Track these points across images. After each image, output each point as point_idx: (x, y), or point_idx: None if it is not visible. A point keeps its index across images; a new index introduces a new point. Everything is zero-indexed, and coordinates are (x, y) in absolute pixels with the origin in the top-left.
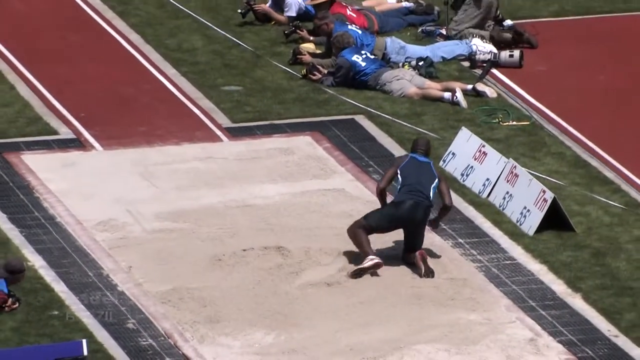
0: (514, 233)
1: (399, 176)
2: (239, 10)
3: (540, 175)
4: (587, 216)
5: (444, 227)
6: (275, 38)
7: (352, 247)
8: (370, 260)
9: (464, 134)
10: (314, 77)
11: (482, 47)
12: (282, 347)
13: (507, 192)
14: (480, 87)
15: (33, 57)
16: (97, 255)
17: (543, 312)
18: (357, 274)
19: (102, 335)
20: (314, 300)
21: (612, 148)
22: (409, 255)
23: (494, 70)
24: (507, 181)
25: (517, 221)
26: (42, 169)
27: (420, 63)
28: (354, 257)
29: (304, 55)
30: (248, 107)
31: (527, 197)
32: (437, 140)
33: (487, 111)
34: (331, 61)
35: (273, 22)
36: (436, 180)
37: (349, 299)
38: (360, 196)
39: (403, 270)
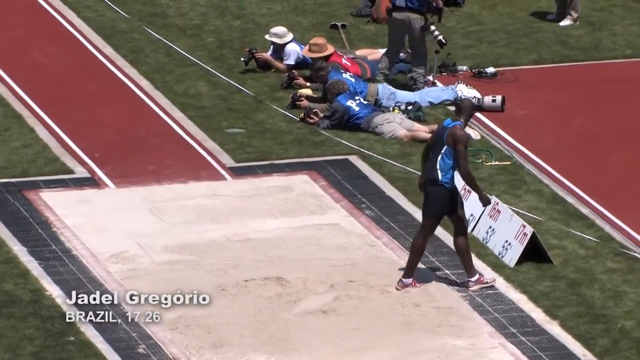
0: (496, 265)
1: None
2: (242, 59)
3: (521, 211)
4: (564, 249)
5: (432, 259)
6: (275, 84)
7: (346, 277)
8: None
9: None
10: (310, 121)
11: (467, 93)
12: None
13: (490, 227)
14: None
15: (51, 103)
16: (110, 285)
17: (523, 338)
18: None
19: None
20: (310, 327)
21: (587, 186)
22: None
23: (478, 114)
24: (490, 217)
25: (499, 254)
26: (59, 205)
27: (409, 107)
28: (348, 287)
29: (302, 100)
30: (250, 148)
31: (508, 232)
32: None
33: (472, 152)
34: (327, 106)
35: (273, 70)
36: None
37: (344, 326)
38: (353, 230)
39: (393, 299)
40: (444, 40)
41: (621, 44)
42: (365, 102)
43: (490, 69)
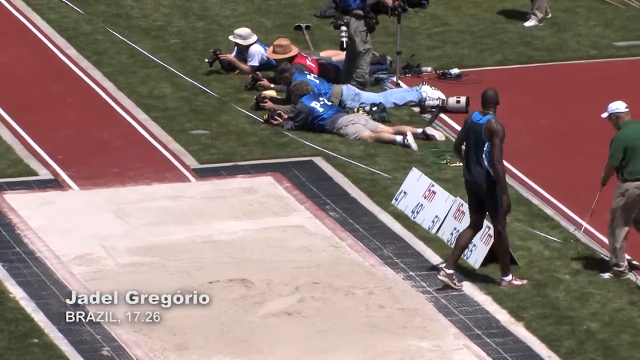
0: (461, 266)
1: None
2: (206, 60)
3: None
4: (528, 250)
5: (397, 260)
6: (239, 85)
7: (311, 279)
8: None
9: (415, 174)
10: (275, 122)
11: (431, 94)
12: None
13: (455, 228)
14: (429, 130)
15: (14, 105)
16: (74, 287)
17: (488, 340)
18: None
19: None
20: (275, 329)
21: (552, 187)
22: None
23: (442, 115)
24: (455, 218)
25: (464, 255)
26: (22, 207)
27: (374, 108)
28: (312, 289)
29: (266, 102)
30: (214, 150)
31: None
32: (389, 180)
33: (436, 153)
34: (291, 107)
35: (237, 71)
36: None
37: (308, 328)
38: (318, 232)
39: (357, 301)
40: (344, 44)
41: (586, 45)
42: (330, 104)
43: (455, 70)
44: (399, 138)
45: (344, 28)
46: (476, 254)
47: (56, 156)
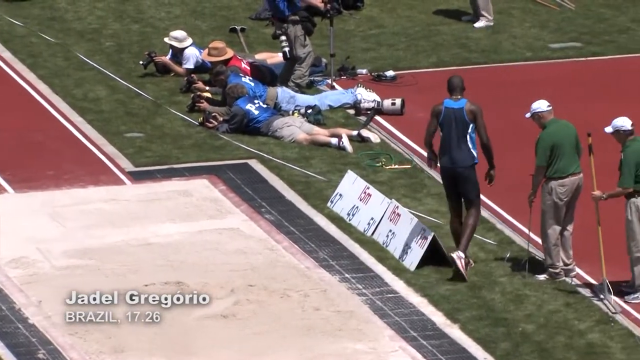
0: (397, 268)
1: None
2: (141, 62)
3: (421, 214)
4: None
5: (332, 263)
6: (174, 88)
7: (246, 282)
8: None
9: (350, 176)
10: (210, 125)
11: (367, 96)
12: None
13: (390, 231)
14: (364, 133)
15: None
16: (9, 290)
17: (424, 342)
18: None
19: None
20: (210, 331)
21: (487, 189)
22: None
23: (378, 117)
24: (390, 220)
25: (400, 257)
26: None
27: (309, 111)
28: (248, 291)
29: (202, 101)
30: (149, 153)
31: (408, 235)
32: (324, 182)
33: (371, 155)
34: (226, 110)
35: (172, 74)
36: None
37: (243, 330)
38: (253, 235)
39: (293, 303)
40: (287, 54)
41: (521, 47)
42: (265, 106)
43: (390, 72)
44: (334, 140)
45: (283, 37)
46: (412, 256)
47: None
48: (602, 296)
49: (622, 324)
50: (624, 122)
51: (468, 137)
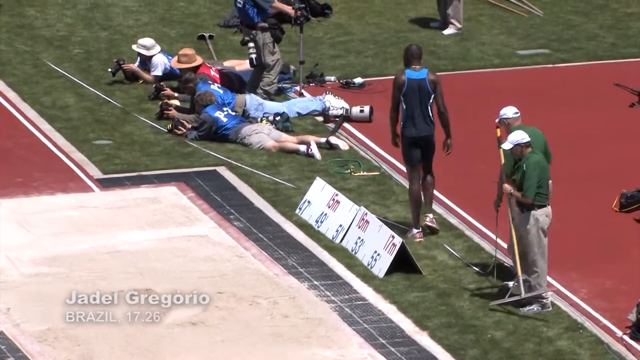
0: (366, 275)
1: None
2: (109, 69)
3: (390, 221)
4: (433, 259)
5: (301, 270)
6: (143, 95)
7: (215, 289)
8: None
9: (319, 183)
10: (178, 132)
11: (335, 103)
12: None
13: (359, 238)
14: (333, 140)
15: None
16: None
17: (393, 349)
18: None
19: None
20: (180, 338)
21: (455, 196)
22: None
23: (346, 125)
24: (359, 227)
25: (368, 264)
26: None
27: (277, 118)
28: (217, 298)
29: (170, 109)
30: (118, 160)
31: (377, 242)
32: (293, 189)
33: (340, 162)
34: (195, 117)
35: (141, 81)
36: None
37: (213, 337)
38: (222, 242)
39: (262, 310)
40: (254, 61)
41: (489, 54)
42: (234, 113)
43: (358, 79)
44: (302, 148)
45: (251, 44)
46: (380, 263)
47: None
48: (519, 294)
49: (590, 331)
50: (506, 111)
51: (429, 106)
